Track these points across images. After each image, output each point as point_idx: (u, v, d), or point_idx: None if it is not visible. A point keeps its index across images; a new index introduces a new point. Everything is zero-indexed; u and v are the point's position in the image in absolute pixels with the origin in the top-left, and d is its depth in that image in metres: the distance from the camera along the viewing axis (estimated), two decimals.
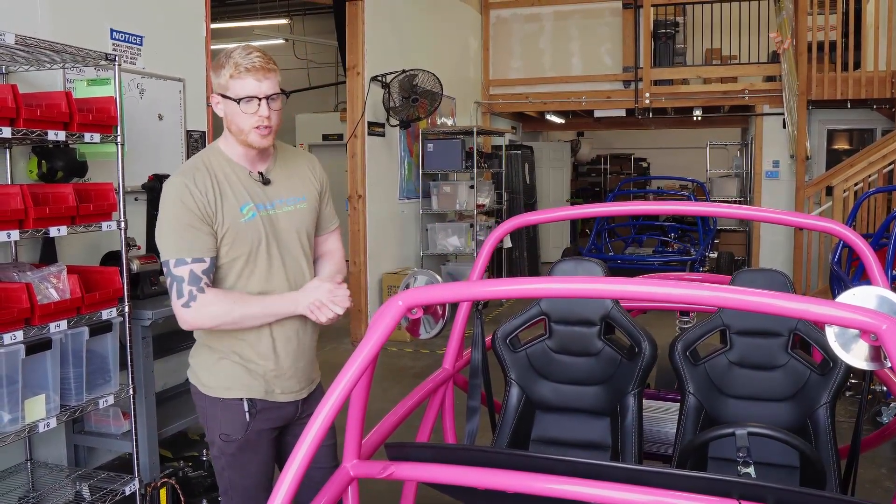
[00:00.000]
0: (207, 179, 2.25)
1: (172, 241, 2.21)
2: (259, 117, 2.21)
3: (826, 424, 2.55)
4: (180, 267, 2.19)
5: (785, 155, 10.08)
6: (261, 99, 2.20)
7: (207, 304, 2.20)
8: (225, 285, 2.31)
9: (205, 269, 2.21)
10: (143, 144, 4.41)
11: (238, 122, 2.23)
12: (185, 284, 2.19)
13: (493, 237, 2.96)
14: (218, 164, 2.31)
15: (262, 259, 2.32)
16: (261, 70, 2.19)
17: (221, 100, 2.25)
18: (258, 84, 2.19)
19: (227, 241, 2.27)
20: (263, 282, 2.32)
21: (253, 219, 2.29)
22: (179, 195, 2.21)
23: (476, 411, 2.76)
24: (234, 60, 2.20)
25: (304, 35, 13.34)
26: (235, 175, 2.31)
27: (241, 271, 2.31)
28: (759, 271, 2.79)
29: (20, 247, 3.51)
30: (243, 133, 2.25)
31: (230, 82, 2.20)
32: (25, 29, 3.51)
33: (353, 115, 7.74)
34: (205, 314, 2.21)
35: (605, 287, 1.72)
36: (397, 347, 7.55)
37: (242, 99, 2.19)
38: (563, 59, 11.18)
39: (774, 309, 1.50)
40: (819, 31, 9.47)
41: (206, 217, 2.22)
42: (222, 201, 2.25)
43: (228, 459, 2.39)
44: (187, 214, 2.20)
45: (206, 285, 2.21)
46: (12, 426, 2.91)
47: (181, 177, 2.25)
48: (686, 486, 1.54)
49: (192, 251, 2.20)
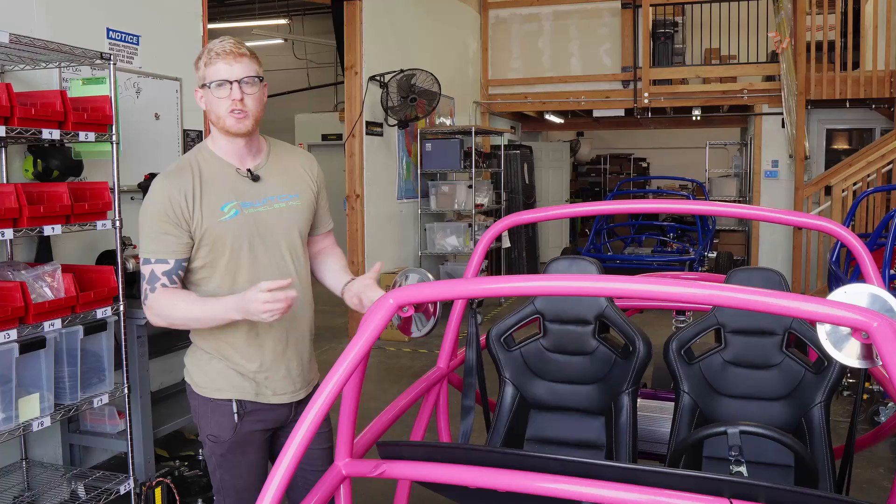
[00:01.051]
0: (189, 180, 2.26)
1: (143, 239, 2.27)
2: (232, 101, 2.22)
3: (821, 423, 2.55)
4: (145, 265, 2.25)
5: (784, 155, 10.07)
6: (232, 82, 2.22)
7: (155, 302, 2.24)
8: (211, 284, 2.31)
9: (166, 271, 2.24)
10: (140, 143, 4.41)
11: (214, 108, 2.25)
12: (144, 283, 2.25)
13: (488, 236, 2.95)
14: (205, 161, 2.32)
15: (246, 258, 2.31)
16: (231, 54, 2.22)
17: (202, 92, 2.27)
18: (229, 68, 2.21)
19: (207, 242, 2.27)
20: (248, 281, 2.30)
21: (234, 217, 2.29)
22: (156, 196, 2.24)
23: (470, 410, 2.76)
24: (206, 49, 2.25)
25: (303, 35, 13.35)
26: (222, 172, 2.32)
27: (225, 269, 2.30)
28: (753, 270, 2.78)
29: (15, 245, 3.50)
30: (221, 119, 2.26)
31: (205, 70, 2.24)
32: (22, 28, 3.51)
33: (351, 114, 7.74)
34: (154, 312, 2.25)
35: (597, 285, 1.71)
36: (395, 347, 7.55)
37: (213, 83, 2.22)
38: (563, 58, 11.18)
39: (764, 306, 1.49)
40: (818, 30, 9.46)
41: (179, 220, 2.23)
42: (201, 201, 2.26)
43: (219, 460, 2.40)
44: (160, 217, 2.23)
45: (161, 286, 2.23)
46: (6, 425, 2.91)
47: (163, 177, 2.28)
48: (677, 485, 1.54)
49: (157, 252, 2.24)
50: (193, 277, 2.32)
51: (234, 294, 2.19)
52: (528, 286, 1.77)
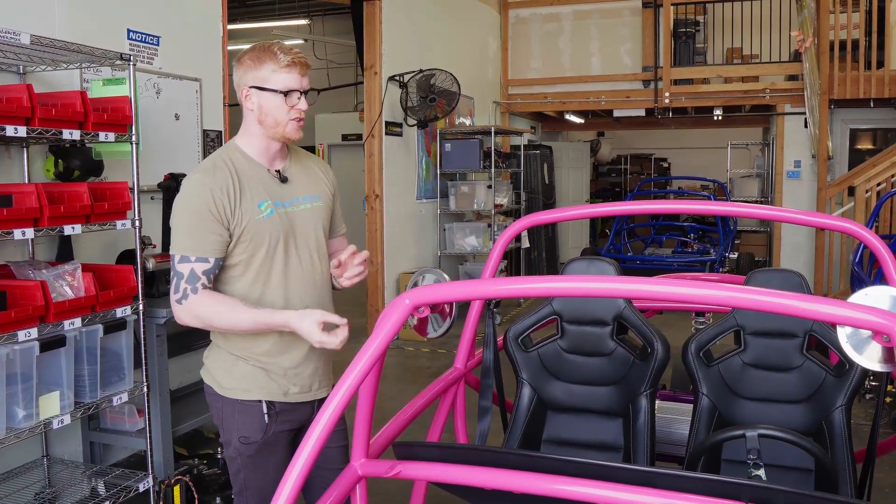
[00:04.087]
0: (228, 177, 2.26)
1: (181, 237, 2.24)
2: (297, 110, 2.30)
3: (842, 427, 2.51)
4: (183, 264, 2.22)
5: (807, 155, 9.97)
6: (302, 92, 2.30)
7: (197, 305, 2.22)
8: (244, 281, 2.32)
9: (206, 270, 2.23)
10: (160, 144, 4.43)
11: (276, 114, 2.29)
12: (183, 282, 2.22)
13: (505, 236, 2.94)
14: (238, 160, 2.33)
15: (280, 255, 2.33)
16: (304, 65, 2.32)
17: (257, 93, 2.28)
18: (300, 78, 2.30)
19: (245, 239, 2.28)
20: (282, 278, 2.33)
21: (271, 216, 2.31)
22: (198, 193, 2.23)
23: (487, 411, 2.75)
24: (276, 55, 2.27)
25: (323, 35, 13.38)
26: (254, 172, 2.33)
27: (259, 267, 2.31)
28: (773, 271, 2.75)
29: (37, 245, 3.54)
30: (280, 125, 2.30)
31: (272, 76, 2.26)
32: (43, 29, 3.55)
33: (370, 115, 7.75)
34: (193, 314, 2.23)
35: (614, 286, 1.70)
36: (414, 347, 7.55)
37: (288, 91, 2.27)
38: (583, 58, 11.13)
39: (784, 309, 1.47)
40: (841, 29, 9.36)
41: (221, 218, 2.23)
42: (241, 199, 2.26)
43: (245, 461, 2.39)
44: (201, 214, 2.22)
45: (202, 286, 2.22)
46: (27, 422, 2.94)
47: (202, 174, 2.27)
48: (695, 489, 1.52)
49: (197, 250, 2.22)
50: (225, 275, 2.32)
51: (287, 309, 2.25)
52: (543, 287, 1.76)
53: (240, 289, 2.32)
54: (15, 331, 2.82)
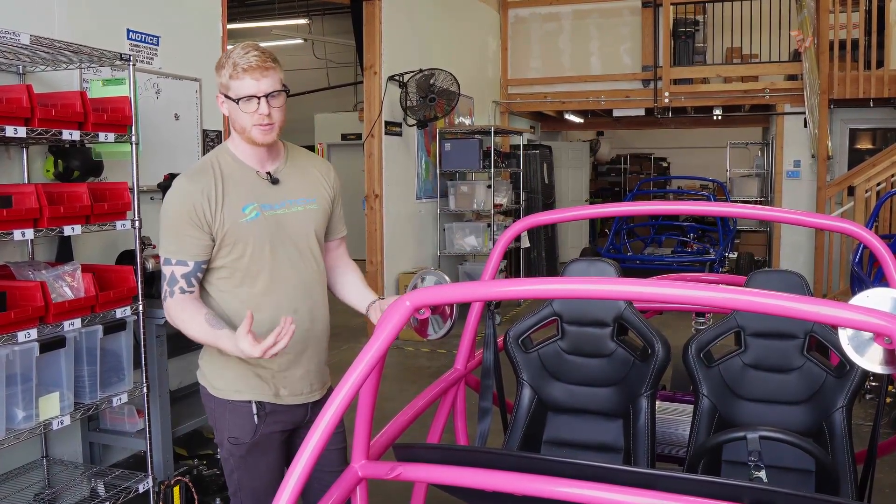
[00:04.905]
0: (211, 181, 2.27)
1: (163, 240, 2.29)
2: (259, 115, 2.22)
3: (842, 428, 2.51)
4: (166, 266, 2.27)
5: (806, 154, 9.97)
6: (260, 97, 2.21)
7: (170, 308, 2.28)
8: (231, 284, 2.33)
9: (185, 273, 2.25)
10: (160, 144, 4.43)
11: (239, 120, 2.25)
12: (165, 283, 2.27)
13: (506, 237, 2.94)
14: (226, 163, 2.33)
15: (266, 258, 2.32)
16: (258, 69, 2.19)
17: (224, 99, 2.27)
18: (256, 83, 2.19)
19: (229, 242, 2.28)
20: (269, 281, 2.33)
21: (255, 219, 2.30)
22: (179, 197, 2.26)
23: (488, 412, 2.75)
24: (232, 60, 2.21)
25: (322, 35, 13.38)
26: (242, 175, 2.33)
27: (245, 270, 2.31)
28: (774, 272, 2.75)
29: (36, 245, 3.53)
30: (245, 131, 2.26)
31: (230, 82, 2.21)
32: (42, 29, 3.54)
33: (370, 114, 7.75)
34: (169, 317, 2.29)
35: (615, 288, 1.70)
36: (414, 347, 7.54)
37: (241, 98, 2.21)
38: (582, 58, 11.12)
39: (784, 311, 1.47)
40: (841, 28, 9.36)
41: (201, 222, 2.24)
42: (223, 203, 2.26)
43: (238, 461, 2.40)
44: (181, 218, 2.24)
45: (179, 290, 2.25)
46: (27, 423, 2.93)
47: (185, 179, 2.29)
48: (695, 491, 1.52)
49: (177, 253, 2.25)
50: (212, 278, 2.33)
51: (230, 329, 2.19)
52: (544, 289, 1.76)
53: (228, 292, 2.33)
54: (14, 331, 2.81)
